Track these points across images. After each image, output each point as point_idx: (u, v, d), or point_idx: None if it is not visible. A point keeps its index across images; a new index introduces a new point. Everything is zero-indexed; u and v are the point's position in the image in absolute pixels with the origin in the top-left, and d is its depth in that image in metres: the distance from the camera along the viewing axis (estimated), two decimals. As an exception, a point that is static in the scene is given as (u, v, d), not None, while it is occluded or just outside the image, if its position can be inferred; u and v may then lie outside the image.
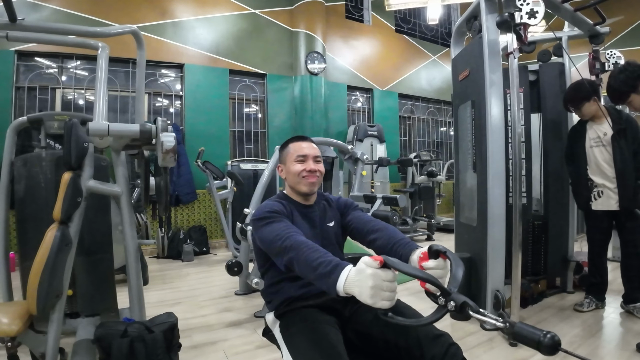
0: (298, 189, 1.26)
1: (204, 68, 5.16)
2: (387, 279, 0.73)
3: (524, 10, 2.00)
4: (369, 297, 0.73)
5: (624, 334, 2.12)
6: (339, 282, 0.79)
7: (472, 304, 0.69)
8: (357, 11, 6.83)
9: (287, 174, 1.29)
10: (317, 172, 1.26)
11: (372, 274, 0.73)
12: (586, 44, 2.84)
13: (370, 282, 0.72)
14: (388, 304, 0.73)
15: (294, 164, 1.26)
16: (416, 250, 0.99)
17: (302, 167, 1.24)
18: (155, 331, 1.62)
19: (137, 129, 1.66)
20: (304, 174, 1.24)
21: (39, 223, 1.83)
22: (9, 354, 1.34)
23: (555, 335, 0.60)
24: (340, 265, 0.81)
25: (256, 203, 2.75)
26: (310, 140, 1.33)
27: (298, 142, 1.30)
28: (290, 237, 0.98)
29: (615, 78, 1.85)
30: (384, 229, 1.16)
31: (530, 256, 2.79)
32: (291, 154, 1.28)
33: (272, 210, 1.14)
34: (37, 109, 4.23)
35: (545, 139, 2.84)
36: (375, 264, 0.74)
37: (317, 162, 1.28)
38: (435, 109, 7.76)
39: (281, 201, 1.24)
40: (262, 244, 1.10)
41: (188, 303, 2.86)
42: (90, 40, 2.03)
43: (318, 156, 1.29)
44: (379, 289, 0.72)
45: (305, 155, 1.26)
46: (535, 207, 2.88)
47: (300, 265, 0.91)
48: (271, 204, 1.20)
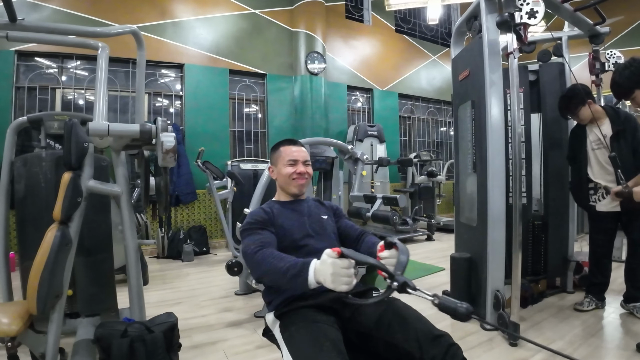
0: (288, 191, 1.37)
1: (204, 68, 5.16)
2: (344, 266, 0.85)
3: (524, 10, 2.00)
4: (331, 282, 0.85)
5: (624, 334, 2.12)
6: (309, 275, 0.91)
7: (411, 283, 0.83)
8: (357, 11, 6.83)
9: (278, 175, 1.39)
10: (306, 175, 1.37)
11: (332, 263, 0.85)
12: (586, 44, 2.84)
13: (331, 270, 0.85)
14: (346, 287, 0.84)
15: (285, 167, 1.35)
16: (377, 245, 1.12)
17: (293, 170, 1.34)
18: (155, 331, 1.62)
19: (137, 129, 1.66)
20: (294, 176, 1.34)
21: (39, 223, 1.84)
22: (9, 354, 1.34)
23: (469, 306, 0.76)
24: (306, 262, 0.93)
25: (256, 203, 2.75)
26: (300, 144, 1.42)
27: (289, 146, 1.39)
28: (259, 252, 1.07)
29: (620, 74, 1.85)
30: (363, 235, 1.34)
31: (530, 256, 2.79)
32: (282, 157, 1.37)
33: (251, 220, 1.23)
34: (37, 109, 4.23)
35: (545, 139, 2.84)
36: (334, 254, 0.86)
37: (307, 165, 1.38)
38: (435, 109, 7.76)
39: (264, 208, 1.32)
40: (242, 254, 1.19)
41: (188, 303, 2.86)
42: (90, 40, 2.03)
43: (307, 160, 1.39)
44: (338, 275, 0.84)
45: (295, 159, 1.36)
46: (535, 207, 2.88)
47: (271, 276, 1.01)
48: (256, 211, 1.29)
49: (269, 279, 1.04)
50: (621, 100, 2.09)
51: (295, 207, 1.36)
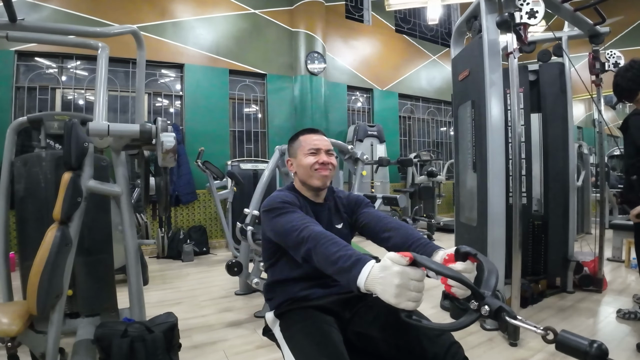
0: (310, 183, 1.21)
1: (204, 68, 5.16)
2: (415, 277, 0.68)
3: (524, 10, 2.00)
4: (393, 297, 0.68)
5: (624, 334, 2.12)
6: (360, 277, 0.75)
7: (509, 309, 0.64)
8: (357, 11, 6.83)
9: (298, 167, 1.23)
10: (330, 165, 1.21)
11: (400, 272, 0.68)
12: (586, 44, 2.84)
13: (397, 281, 0.67)
14: (413, 305, 0.68)
15: (305, 157, 1.21)
16: (439, 251, 0.93)
17: (315, 160, 1.19)
18: (155, 331, 1.62)
19: (137, 129, 1.66)
20: (316, 166, 1.19)
21: (39, 223, 1.84)
22: (9, 354, 1.34)
23: (602, 344, 0.56)
24: (361, 260, 0.78)
25: (256, 203, 2.75)
26: (321, 133, 1.28)
27: (309, 135, 1.25)
28: (307, 228, 0.95)
29: (622, 76, 1.84)
30: (400, 227, 1.10)
31: (530, 256, 2.79)
32: (302, 147, 1.23)
33: (284, 200, 1.10)
34: (37, 109, 4.22)
35: (545, 139, 2.84)
36: (403, 261, 0.69)
37: (330, 155, 1.23)
38: (435, 109, 7.76)
39: (293, 193, 1.20)
40: (275, 236, 1.06)
41: (188, 303, 2.86)
42: (90, 40, 2.03)
43: (330, 149, 1.24)
44: (405, 289, 0.67)
45: (317, 148, 1.21)
46: (535, 207, 2.88)
47: (319, 258, 0.88)
48: (282, 194, 1.15)
49: (316, 259, 0.89)
50: (623, 101, 2.08)
51: (316, 212, 1.22)
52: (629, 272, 3.49)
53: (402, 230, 1.08)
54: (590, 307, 2.56)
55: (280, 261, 1.17)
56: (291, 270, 1.15)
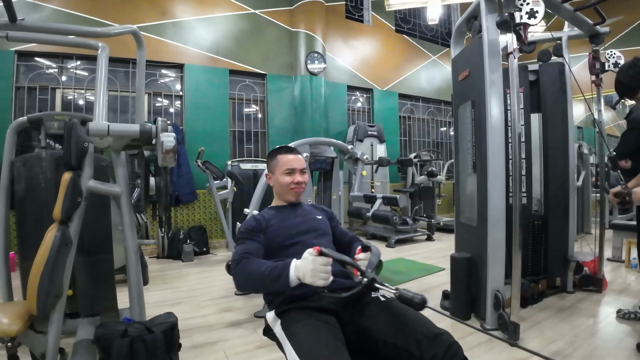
0: (286, 198, 1.41)
1: (204, 68, 5.16)
2: (322, 263, 0.96)
3: (524, 10, 2.00)
4: (310, 277, 0.96)
5: (624, 334, 2.12)
6: (290, 273, 1.00)
7: (378, 279, 0.95)
8: (357, 11, 6.83)
9: (275, 183, 1.42)
10: (303, 184, 1.41)
11: (312, 260, 0.96)
12: (586, 44, 2.84)
13: (310, 266, 0.96)
14: (323, 282, 0.95)
15: (282, 176, 1.39)
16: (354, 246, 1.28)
17: (291, 180, 1.38)
18: (155, 331, 1.62)
19: (137, 129, 1.65)
20: (292, 185, 1.38)
21: (39, 223, 1.84)
22: (9, 354, 1.34)
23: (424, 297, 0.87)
24: (287, 263, 1.03)
25: (256, 203, 2.75)
26: (297, 152, 1.44)
27: (286, 155, 1.41)
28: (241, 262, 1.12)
29: (624, 74, 1.84)
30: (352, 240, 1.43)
31: (530, 256, 2.79)
32: (280, 166, 1.40)
33: (243, 229, 1.27)
34: (37, 109, 4.22)
35: (545, 139, 2.84)
36: (314, 252, 0.96)
37: (303, 174, 1.42)
38: (435, 109, 7.76)
39: (258, 215, 1.35)
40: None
41: (188, 303, 2.86)
42: (90, 40, 2.03)
43: (304, 168, 1.42)
44: (316, 271, 0.95)
45: (293, 168, 1.38)
46: (535, 207, 2.88)
47: (251, 284, 1.10)
48: (248, 220, 1.34)
49: (251, 284, 1.10)
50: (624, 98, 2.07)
51: (289, 209, 1.41)
52: (629, 272, 3.49)
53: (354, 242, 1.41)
54: (590, 307, 2.56)
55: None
56: None
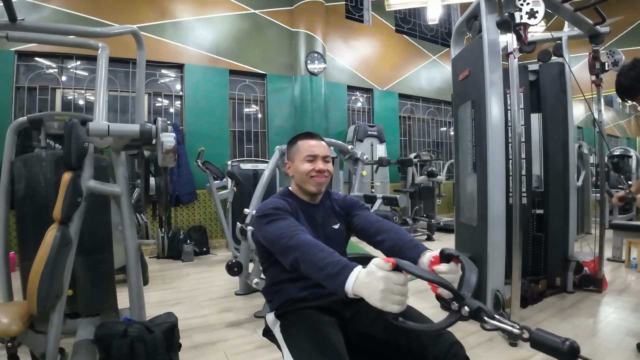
0: (306, 188, 1.24)
1: (204, 68, 5.16)
2: (398, 282, 0.71)
3: (524, 10, 2.00)
4: (379, 301, 0.71)
5: (624, 334, 2.12)
6: (347, 283, 0.78)
7: (488, 310, 0.67)
8: (357, 11, 6.83)
9: (295, 172, 1.26)
10: (326, 172, 1.23)
11: (384, 277, 0.71)
12: (586, 44, 2.84)
13: (381, 285, 0.71)
14: (398, 307, 0.71)
15: (302, 163, 1.22)
16: (426, 253, 0.98)
17: (311, 167, 1.21)
18: (155, 331, 1.62)
19: (137, 129, 1.65)
20: (312, 173, 1.21)
21: (39, 223, 1.84)
22: (9, 354, 1.34)
23: (574, 342, 0.59)
24: (348, 266, 0.80)
25: (256, 203, 2.75)
26: (319, 138, 1.28)
27: (307, 140, 1.26)
28: (295, 236, 0.96)
29: (625, 75, 1.84)
30: (392, 230, 1.14)
31: (530, 256, 2.79)
32: (300, 152, 1.24)
33: (276, 207, 1.11)
34: (37, 109, 4.22)
35: (545, 139, 2.84)
36: (387, 266, 0.72)
37: (327, 162, 1.24)
38: (435, 109, 7.76)
39: (286, 199, 1.22)
40: (266, 242, 1.08)
41: (188, 303, 2.86)
42: (90, 40, 2.03)
43: (327, 156, 1.25)
44: (389, 292, 0.71)
45: (314, 154, 1.22)
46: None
47: (307, 265, 0.90)
48: (275, 201, 1.18)
49: (304, 266, 0.91)
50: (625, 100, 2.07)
51: (312, 213, 1.25)
52: (629, 272, 3.49)
53: (394, 233, 1.12)
54: (590, 307, 2.56)
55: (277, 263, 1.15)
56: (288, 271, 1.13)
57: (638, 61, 1.80)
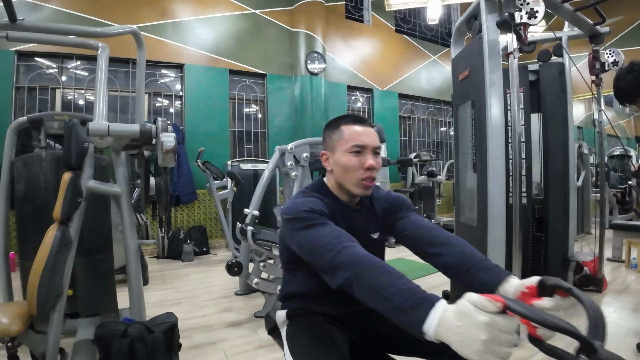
0: (349, 189, 1.00)
1: (204, 68, 5.16)
2: (508, 330, 0.53)
3: (524, 10, 2.00)
4: (476, 354, 0.52)
5: (624, 334, 2.12)
6: (427, 323, 0.59)
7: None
8: (357, 11, 6.83)
9: (335, 166, 1.01)
10: (375, 172, 0.99)
11: (488, 323, 0.52)
12: (586, 44, 2.84)
13: (484, 335, 0.52)
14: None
15: (347, 156, 0.98)
16: (510, 279, 0.77)
17: (359, 163, 0.97)
18: (155, 331, 1.62)
19: (137, 129, 1.66)
20: (360, 173, 0.97)
21: (39, 223, 1.84)
22: (9, 354, 1.34)
23: None
24: (427, 300, 0.62)
25: (256, 203, 2.74)
26: (368, 124, 1.02)
27: (353, 126, 1.00)
28: (345, 250, 0.78)
29: (623, 79, 1.84)
30: (454, 242, 0.92)
31: (530, 256, 2.79)
32: (344, 140, 0.99)
33: (312, 209, 0.90)
34: (37, 109, 4.22)
35: (545, 139, 2.84)
36: (492, 307, 0.53)
37: (377, 156, 0.99)
38: (435, 109, 7.76)
39: (322, 198, 0.99)
40: (302, 252, 0.89)
41: (188, 303, 2.86)
42: (90, 40, 2.03)
43: (378, 147, 1.01)
44: (494, 344, 0.52)
45: (363, 145, 0.97)
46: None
47: (365, 291, 0.72)
48: (309, 200, 0.94)
49: (360, 291, 0.72)
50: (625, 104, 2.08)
51: (351, 219, 1.02)
52: (629, 272, 3.49)
53: (457, 248, 0.91)
54: (590, 307, 2.56)
55: (300, 271, 1.02)
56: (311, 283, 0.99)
57: (635, 64, 1.79)
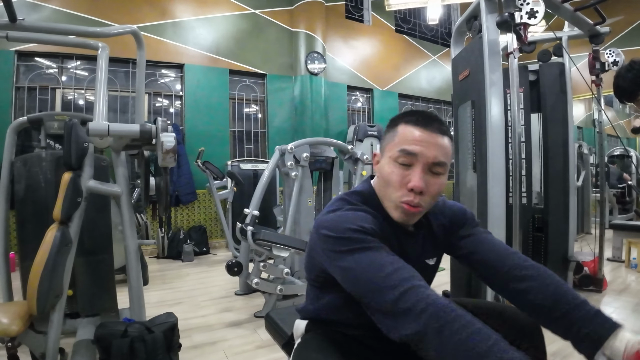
0: (387, 210, 0.79)
1: (204, 68, 5.16)
2: None
3: (524, 10, 2.00)
4: None
5: (624, 334, 2.12)
6: None
7: None
8: (357, 11, 6.83)
9: (379, 173, 0.81)
10: (426, 196, 0.75)
11: None
12: (586, 44, 2.84)
13: None
14: None
15: (390, 165, 0.76)
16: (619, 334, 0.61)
17: (401, 179, 0.75)
18: (155, 331, 1.62)
19: (137, 129, 1.66)
20: (401, 195, 0.75)
21: (39, 223, 1.84)
22: (9, 354, 1.34)
23: None
24: None
25: (256, 203, 2.74)
26: (436, 129, 0.76)
27: (413, 127, 0.76)
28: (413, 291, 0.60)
29: (623, 77, 1.84)
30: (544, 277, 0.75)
31: (530, 256, 2.78)
32: (394, 143, 0.77)
33: (363, 228, 0.70)
34: (37, 109, 4.22)
35: (545, 139, 2.84)
36: None
37: (435, 175, 0.76)
38: (435, 109, 7.76)
39: (373, 213, 0.77)
40: (347, 282, 0.69)
41: (188, 303, 2.86)
42: (90, 40, 2.03)
43: (440, 162, 0.75)
44: None
45: (414, 153, 0.74)
46: (536, 199, 2.86)
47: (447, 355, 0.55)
48: (361, 217, 0.73)
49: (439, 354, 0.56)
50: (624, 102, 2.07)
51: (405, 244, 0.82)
52: (629, 272, 3.49)
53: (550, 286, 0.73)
54: (590, 307, 2.56)
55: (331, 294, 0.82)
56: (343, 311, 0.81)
57: (635, 63, 1.80)
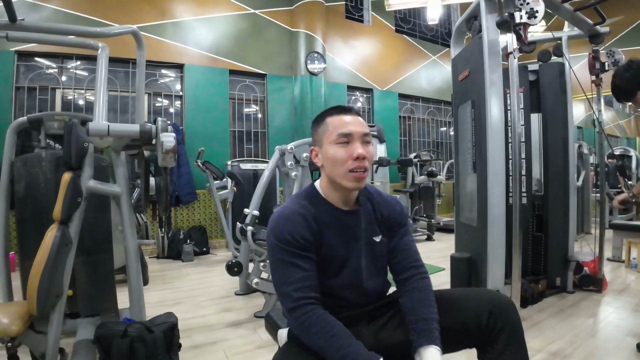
0: (340, 183, 0.94)
1: (204, 68, 5.16)
2: None
3: (524, 10, 2.00)
4: None
5: (623, 334, 2.12)
6: None
7: None
8: (357, 11, 6.83)
9: (325, 160, 0.96)
10: (367, 162, 0.93)
11: None
12: (586, 44, 2.84)
13: None
14: None
15: (333, 147, 0.93)
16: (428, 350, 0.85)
17: (347, 154, 0.92)
18: (155, 331, 1.62)
19: (137, 129, 1.65)
20: (350, 165, 0.91)
21: (39, 223, 1.83)
22: (9, 354, 1.34)
23: None
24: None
25: (256, 203, 2.74)
26: (355, 113, 0.98)
27: (339, 116, 0.96)
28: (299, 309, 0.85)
29: (620, 77, 1.84)
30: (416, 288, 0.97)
31: (530, 256, 2.79)
32: (330, 132, 0.94)
33: (291, 239, 0.89)
34: (37, 109, 4.22)
35: (545, 139, 2.84)
36: None
37: (366, 144, 0.94)
38: (435, 109, 7.76)
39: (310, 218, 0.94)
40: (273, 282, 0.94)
41: (188, 303, 2.85)
42: (90, 40, 2.03)
43: (367, 133, 0.95)
44: None
45: (349, 133, 0.92)
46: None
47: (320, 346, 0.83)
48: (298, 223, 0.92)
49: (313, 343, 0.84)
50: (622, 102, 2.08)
51: (346, 223, 0.99)
52: (629, 272, 3.49)
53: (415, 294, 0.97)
54: (590, 307, 2.56)
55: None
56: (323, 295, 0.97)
57: (633, 62, 1.79)
